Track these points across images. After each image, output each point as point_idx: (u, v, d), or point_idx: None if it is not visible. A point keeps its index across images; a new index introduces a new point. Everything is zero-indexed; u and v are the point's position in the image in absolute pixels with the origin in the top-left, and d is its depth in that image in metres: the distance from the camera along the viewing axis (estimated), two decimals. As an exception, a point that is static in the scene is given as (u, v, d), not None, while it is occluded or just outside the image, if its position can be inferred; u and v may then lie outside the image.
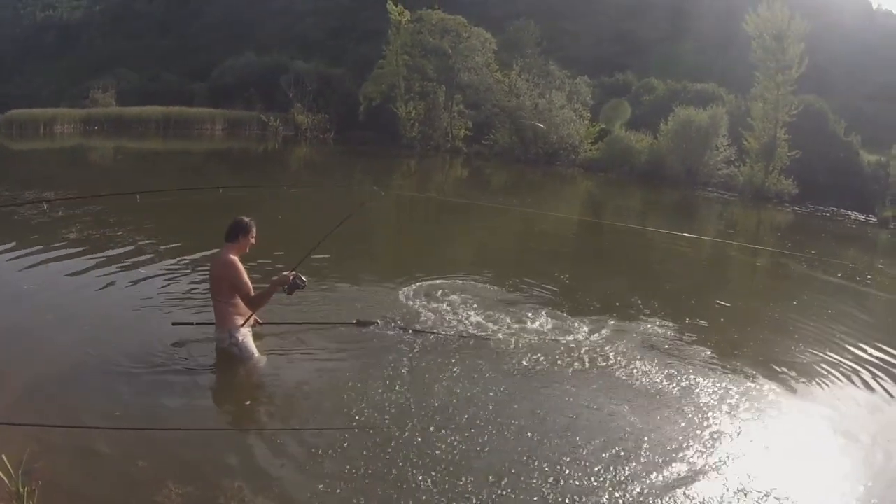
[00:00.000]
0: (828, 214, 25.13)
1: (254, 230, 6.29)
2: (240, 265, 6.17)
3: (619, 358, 6.95)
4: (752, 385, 6.63)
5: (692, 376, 6.64)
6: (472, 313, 8.04)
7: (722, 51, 37.30)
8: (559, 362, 6.74)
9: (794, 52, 26.39)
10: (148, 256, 9.98)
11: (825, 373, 7.22)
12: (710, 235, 18.28)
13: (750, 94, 29.01)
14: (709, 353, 7.44)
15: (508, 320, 7.91)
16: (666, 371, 6.72)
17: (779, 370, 7.14)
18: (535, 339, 7.36)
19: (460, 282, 9.42)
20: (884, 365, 7.64)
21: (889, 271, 15.55)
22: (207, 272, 8.19)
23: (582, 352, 7.05)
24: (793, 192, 26.38)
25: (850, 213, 25.78)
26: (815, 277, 13.14)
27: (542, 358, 6.83)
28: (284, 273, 6.41)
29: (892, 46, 38.87)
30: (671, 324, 8.28)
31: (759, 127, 27.59)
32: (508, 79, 36.32)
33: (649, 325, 8.16)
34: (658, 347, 7.44)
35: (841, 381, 7.07)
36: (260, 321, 6.85)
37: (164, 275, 9.08)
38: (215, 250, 6.60)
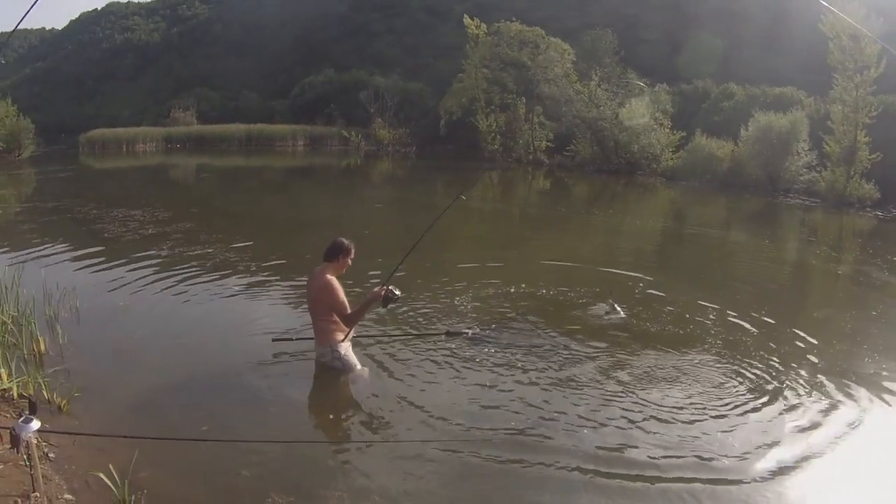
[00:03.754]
0: (911, 219, 24.79)
1: (352, 252, 6.63)
2: (337, 284, 6.46)
3: (689, 365, 7.10)
4: (823, 397, 6.45)
5: (756, 385, 6.61)
6: (564, 322, 8.25)
7: (799, 53, 37.08)
8: (639, 364, 7.03)
9: (872, 52, 26.18)
10: (239, 272, 10.40)
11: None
12: (792, 242, 18.64)
13: (829, 97, 28.61)
14: (777, 361, 7.33)
15: (596, 329, 8.13)
16: (730, 377, 6.81)
17: (855, 383, 6.85)
18: (621, 346, 7.58)
19: (547, 291, 9.71)
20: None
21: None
22: (299, 287, 8.71)
23: (659, 359, 7.24)
24: (874, 196, 26.05)
25: (935, 216, 25.32)
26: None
27: (624, 359, 7.12)
28: (375, 289, 6.65)
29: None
30: (741, 332, 8.31)
31: (840, 130, 27.27)
32: (588, 89, 36.62)
33: (718, 331, 8.26)
34: (723, 354, 7.48)
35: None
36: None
37: (256, 289, 9.51)
38: (307, 266, 6.96)
